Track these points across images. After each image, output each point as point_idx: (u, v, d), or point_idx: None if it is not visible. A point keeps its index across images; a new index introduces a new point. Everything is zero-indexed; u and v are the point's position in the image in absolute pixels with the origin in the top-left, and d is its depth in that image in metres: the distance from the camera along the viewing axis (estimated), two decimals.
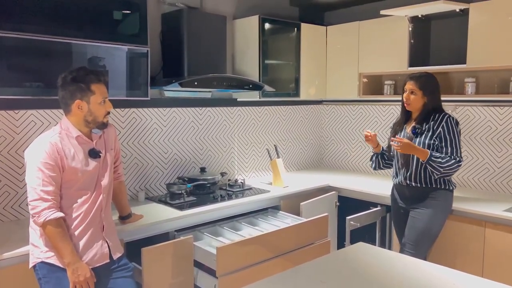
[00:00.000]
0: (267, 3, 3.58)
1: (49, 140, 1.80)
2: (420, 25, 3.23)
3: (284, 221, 2.82)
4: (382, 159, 2.81)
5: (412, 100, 2.53)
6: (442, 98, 2.63)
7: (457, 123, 2.49)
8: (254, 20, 3.22)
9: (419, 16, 3.16)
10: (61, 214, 1.76)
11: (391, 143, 2.55)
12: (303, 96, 3.57)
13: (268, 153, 3.34)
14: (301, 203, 2.93)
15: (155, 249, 2.13)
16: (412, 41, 3.19)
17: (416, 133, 2.52)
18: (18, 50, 2.10)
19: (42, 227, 1.75)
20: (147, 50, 2.55)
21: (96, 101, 1.85)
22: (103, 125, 1.93)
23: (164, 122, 3.00)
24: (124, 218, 2.27)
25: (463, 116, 3.18)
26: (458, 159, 2.42)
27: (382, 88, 3.55)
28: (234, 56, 3.40)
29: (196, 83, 2.69)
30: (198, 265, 2.33)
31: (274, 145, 3.44)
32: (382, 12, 3.14)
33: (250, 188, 3.12)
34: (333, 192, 3.22)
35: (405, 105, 2.58)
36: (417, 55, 3.23)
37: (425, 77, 2.54)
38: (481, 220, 2.56)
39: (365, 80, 3.54)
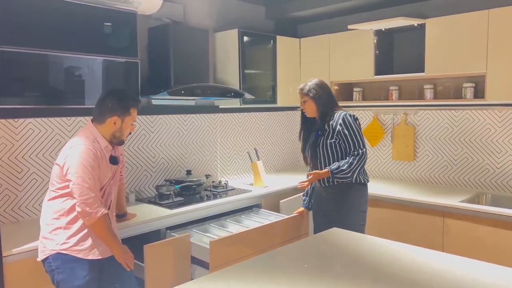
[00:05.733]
0: (245, 17, 3.85)
1: (87, 146, 1.98)
2: (384, 37, 3.57)
3: (268, 218, 3.05)
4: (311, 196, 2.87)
5: (306, 108, 2.71)
6: (407, 103, 2.89)
7: (355, 119, 2.59)
8: (233, 33, 3.48)
9: (383, 29, 3.50)
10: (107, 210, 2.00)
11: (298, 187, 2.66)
12: (279, 103, 3.85)
13: (249, 156, 3.59)
14: (281, 201, 3.18)
15: (156, 246, 2.29)
16: (377, 52, 3.53)
17: (319, 135, 2.67)
18: (17, 63, 2.27)
19: (94, 223, 1.93)
20: (138, 62, 2.76)
21: (128, 122, 2.12)
22: (122, 143, 2.18)
23: (152, 128, 3.20)
24: (120, 216, 2.46)
25: (424, 119, 3.54)
26: (358, 151, 2.51)
27: (351, 94, 3.88)
28: (216, 66, 3.64)
29: (183, 92, 2.92)
30: (192, 260, 2.50)
31: (254, 149, 3.70)
32: (350, 26, 3.47)
33: (233, 189, 3.35)
34: None
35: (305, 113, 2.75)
36: (382, 64, 3.57)
37: (308, 85, 2.71)
38: (440, 210, 2.89)
39: (336, 87, 3.86)
